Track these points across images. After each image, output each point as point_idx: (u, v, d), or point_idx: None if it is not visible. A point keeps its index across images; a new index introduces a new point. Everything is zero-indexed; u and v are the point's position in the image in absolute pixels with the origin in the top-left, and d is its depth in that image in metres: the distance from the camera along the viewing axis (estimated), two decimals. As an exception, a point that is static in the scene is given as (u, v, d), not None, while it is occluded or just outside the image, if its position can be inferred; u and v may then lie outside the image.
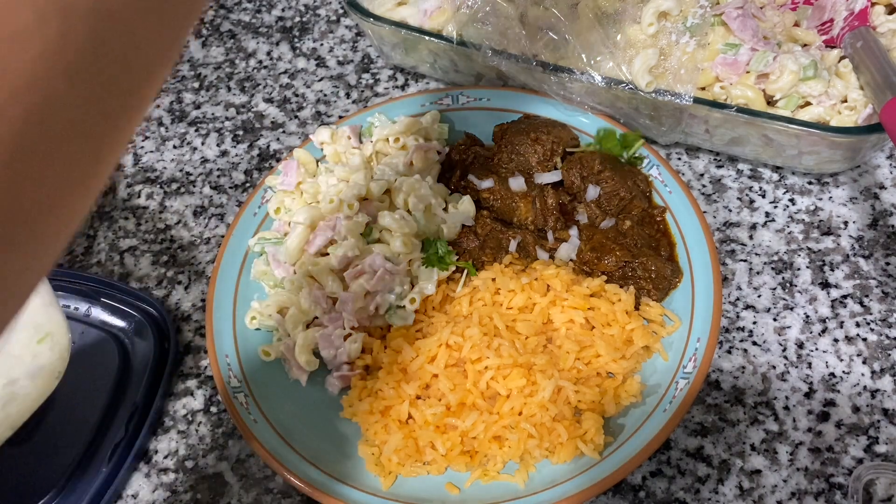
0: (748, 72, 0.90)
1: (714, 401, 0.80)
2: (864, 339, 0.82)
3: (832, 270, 0.87)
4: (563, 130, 0.94)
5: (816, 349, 0.82)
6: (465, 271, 0.87)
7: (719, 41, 0.92)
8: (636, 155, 0.93)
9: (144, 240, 1.02)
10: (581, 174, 0.90)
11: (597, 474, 0.71)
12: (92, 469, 0.78)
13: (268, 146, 1.10)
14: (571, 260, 0.87)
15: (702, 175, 0.97)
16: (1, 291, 0.29)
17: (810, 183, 0.95)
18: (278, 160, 1.07)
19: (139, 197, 1.07)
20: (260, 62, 1.21)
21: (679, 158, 0.99)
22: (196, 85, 1.19)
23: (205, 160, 1.09)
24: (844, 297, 0.85)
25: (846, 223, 0.91)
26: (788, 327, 0.84)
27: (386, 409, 0.79)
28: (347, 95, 1.14)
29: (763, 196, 0.94)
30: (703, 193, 0.95)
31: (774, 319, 0.84)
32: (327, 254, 0.88)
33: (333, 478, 0.75)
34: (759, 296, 0.86)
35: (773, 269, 0.88)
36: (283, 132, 1.11)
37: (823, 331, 0.83)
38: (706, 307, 0.80)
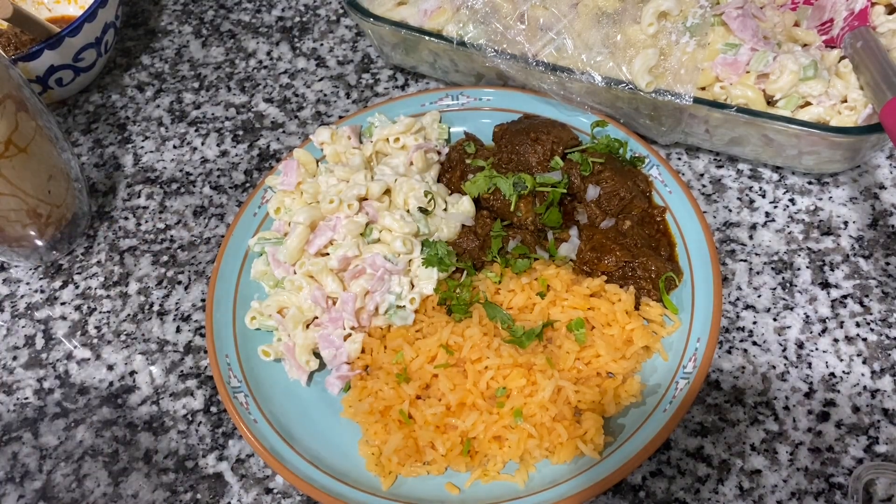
0: (748, 72, 0.90)
1: (714, 401, 0.80)
2: (864, 339, 0.82)
3: (832, 270, 0.87)
4: (563, 130, 0.94)
5: (816, 349, 0.82)
6: (465, 271, 0.87)
7: (719, 41, 0.92)
8: (636, 155, 0.93)
9: (144, 240, 1.02)
10: (581, 174, 0.90)
11: (597, 474, 0.71)
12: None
13: (268, 146, 1.10)
14: (571, 260, 0.87)
15: (702, 175, 0.97)
16: None
17: (810, 183, 0.95)
18: (278, 160, 1.07)
19: (139, 197, 1.07)
20: (260, 62, 1.21)
21: (679, 158, 0.99)
22: (196, 85, 1.19)
23: (205, 160, 1.09)
24: (844, 297, 0.85)
25: (846, 223, 0.91)
26: (788, 327, 0.84)
27: (386, 409, 0.79)
28: (347, 95, 1.14)
29: (763, 196, 0.94)
30: (703, 193, 0.95)
31: (774, 319, 0.84)
32: (327, 254, 0.88)
33: (333, 478, 0.75)
34: (759, 296, 0.86)
35: (773, 269, 0.88)
36: (283, 132, 1.11)
37: (823, 331, 0.83)
38: (706, 307, 0.80)
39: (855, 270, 0.87)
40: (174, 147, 1.11)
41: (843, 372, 0.80)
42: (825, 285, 0.86)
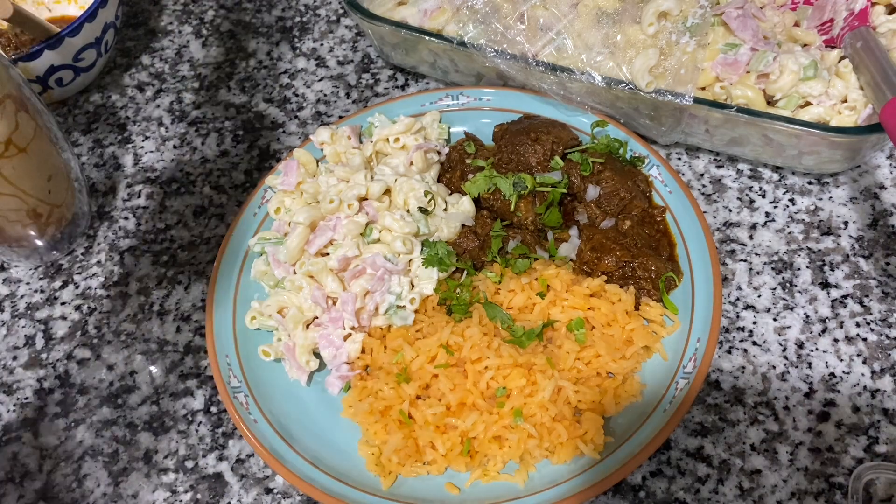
0: (748, 72, 0.90)
1: (714, 401, 0.80)
2: (864, 339, 0.82)
3: (832, 270, 0.87)
4: (563, 130, 0.94)
5: (816, 349, 0.82)
6: (465, 271, 0.87)
7: (719, 41, 0.92)
8: (636, 155, 0.93)
9: (144, 240, 1.02)
10: (581, 174, 0.90)
11: (597, 474, 0.71)
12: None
13: (268, 146, 1.10)
14: (571, 260, 0.87)
15: (702, 175, 0.97)
16: None
17: (810, 183, 0.95)
18: (278, 160, 1.07)
19: (139, 197, 1.07)
20: (260, 62, 1.21)
21: (679, 158, 0.99)
22: (196, 85, 1.19)
23: (205, 160, 1.09)
24: (844, 297, 0.85)
25: (846, 223, 0.91)
26: (788, 327, 0.84)
27: (386, 409, 0.79)
28: (347, 95, 1.14)
29: (763, 196, 0.94)
30: (703, 193, 0.95)
31: (774, 319, 0.84)
32: (327, 254, 0.88)
33: (333, 478, 0.75)
34: (759, 296, 0.86)
35: (773, 269, 0.88)
36: (283, 132, 1.11)
37: (823, 331, 0.83)
38: (706, 307, 0.80)
39: (855, 270, 0.87)
40: (174, 147, 1.11)
41: (843, 372, 0.80)
42: (825, 285, 0.86)
